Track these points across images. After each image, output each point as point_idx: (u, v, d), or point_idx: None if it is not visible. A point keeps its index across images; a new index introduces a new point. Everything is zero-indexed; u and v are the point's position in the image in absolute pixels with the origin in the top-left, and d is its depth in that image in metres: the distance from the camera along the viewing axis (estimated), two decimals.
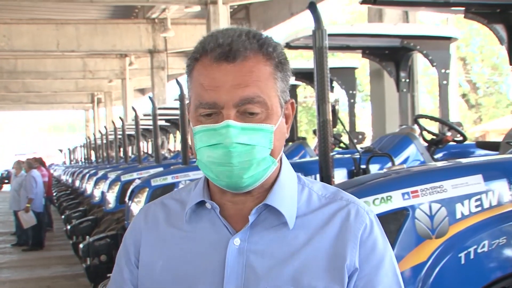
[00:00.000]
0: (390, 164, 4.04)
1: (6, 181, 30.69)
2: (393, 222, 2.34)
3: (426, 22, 19.57)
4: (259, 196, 1.21)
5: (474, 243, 2.35)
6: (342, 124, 4.19)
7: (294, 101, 1.25)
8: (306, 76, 6.78)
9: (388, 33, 5.34)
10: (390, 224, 2.33)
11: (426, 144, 4.79)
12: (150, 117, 8.17)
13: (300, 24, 15.49)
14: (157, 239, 1.26)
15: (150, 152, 12.83)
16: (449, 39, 5.39)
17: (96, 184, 9.69)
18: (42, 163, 13.93)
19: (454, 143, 4.93)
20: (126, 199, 6.30)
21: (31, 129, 65.15)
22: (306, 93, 26.61)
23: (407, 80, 5.89)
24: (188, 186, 1.31)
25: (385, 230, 1.25)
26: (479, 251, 2.34)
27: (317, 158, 3.35)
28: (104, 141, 14.95)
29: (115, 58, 21.36)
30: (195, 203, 1.23)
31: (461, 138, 4.87)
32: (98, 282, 5.91)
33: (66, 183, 17.46)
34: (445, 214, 2.39)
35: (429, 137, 4.90)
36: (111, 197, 7.76)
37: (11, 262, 9.81)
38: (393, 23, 7.21)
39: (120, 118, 12.26)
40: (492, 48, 25.11)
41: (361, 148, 4.87)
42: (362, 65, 9.96)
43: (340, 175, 4.12)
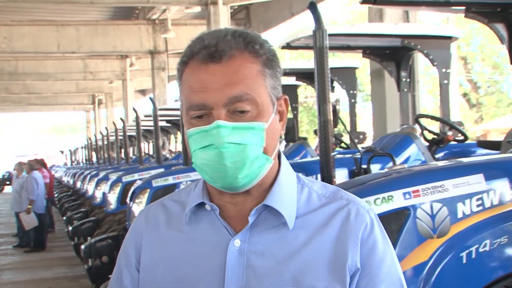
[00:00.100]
0: (391, 164, 4.05)
1: (8, 182, 30.73)
2: (394, 221, 2.35)
3: (427, 21, 19.55)
4: (258, 196, 1.20)
5: (476, 242, 2.35)
6: (343, 124, 4.19)
7: (287, 97, 1.24)
8: (306, 76, 6.78)
9: (389, 32, 5.34)
10: (391, 224, 2.33)
11: (427, 144, 4.79)
12: (151, 118, 8.17)
13: (301, 24, 15.48)
14: (157, 241, 1.26)
15: (151, 153, 12.85)
16: (449, 38, 5.38)
17: (97, 185, 9.70)
18: (44, 165, 13.94)
19: (455, 143, 4.93)
20: (128, 200, 6.31)
21: (32, 130, 65.17)
22: (307, 93, 26.61)
23: (408, 79, 5.88)
24: (188, 187, 1.31)
25: (386, 230, 1.24)
26: (480, 250, 2.34)
27: (318, 158, 3.35)
28: (105, 142, 14.96)
29: (116, 59, 21.35)
30: (194, 205, 1.23)
31: (462, 138, 4.86)
32: (100, 283, 5.92)
33: (68, 184, 17.49)
34: (446, 214, 2.39)
35: (430, 136, 4.90)
36: (113, 198, 7.77)
37: (13, 263, 9.81)
38: (393, 23, 7.21)
39: (121, 119, 12.27)
40: (493, 47, 25.10)
41: (362, 148, 4.87)
42: (362, 65, 9.95)
43: (341, 175, 4.12)
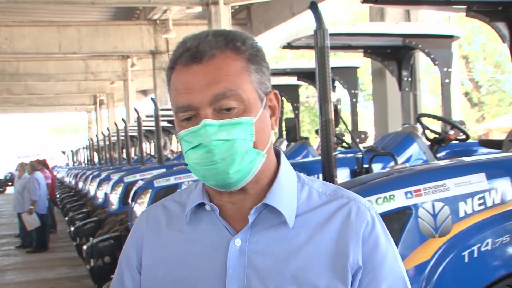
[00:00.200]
0: (392, 163, 4.05)
1: (10, 183, 30.75)
2: (396, 221, 2.34)
3: (428, 20, 19.53)
4: (257, 195, 1.20)
5: (478, 241, 2.35)
6: (344, 123, 4.19)
7: (277, 91, 1.24)
8: (308, 75, 6.78)
9: (390, 32, 5.34)
10: (393, 223, 2.33)
11: (429, 143, 4.78)
12: (153, 118, 8.16)
13: (302, 24, 15.48)
14: (158, 242, 1.26)
15: (152, 153, 12.85)
16: (451, 37, 5.38)
17: (99, 185, 9.71)
18: (45, 165, 13.95)
19: (457, 142, 4.93)
20: (129, 200, 6.31)
21: (34, 131, 65.22)
22: (308, 92, 26.60)
23: (409, 79, 5.88)
24: (189, 188, 1.31)
25: (388, 229, 1.24)
26: (482, 249, 2.34)
27: (319, 157, 3.35)
28: (107, 142, 14.97)
29: (117, 59, 21.36)
30: (194, 205, 1.23)
31: (463, 137, 4.86)
32: (102, 283, 5.91)
33: (70, 185, 17.51)
34: (448, 213, 2.39)
35: (431, 135, 4.90)
36: (114, 198, 7.77)
37: (15, 264, 9.82)
38: (394, 22, 7.21)
39: (122, 119, 12.27)
40: (494, 46, 25.05)
41: (363, 147, 4.87)
42: (364, 64, 9.96)
43: (342, 174, 4.12)
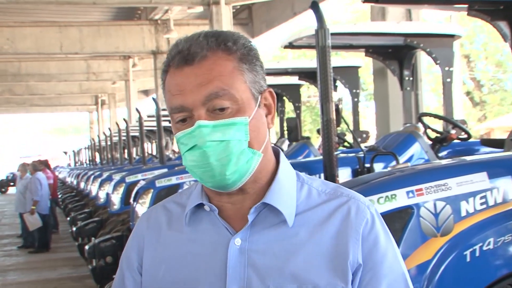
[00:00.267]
0: (394, 163, 4.04)
1: (12, 183, 30.78)
2: (398, 220, 2.34)
3: (429, 20, 19.51)
4: (256, 194, 1.20)
5: (480, 240, 2.34)
6: (346, 123, 4.19)
7: (271, 90, 1.23)
8: (309, 75, 6.78)
9: (391, 31, 5.33)
10: (395, 223, 2.33)
11: (431, 142, 4.78)
12: (154, 118, 8.17)
13: (303, 24, 15.48)
14: (159, 243, 1.26)
15: (154, 153, 12.86)
16: (452, 36, 5.37)
17: (101, 185, 9.71)
18: (47, 165, 13.96)
19: (459, 141, 4.92)
20: (131, 200, 6.31)
21: (36, 131, 65.28)
22: (310, 92, 26.61)
23: (411, 78, 5.88)
24: (189, 188, 1.31)
25: (390, 229, 1.24)
26: (484, 248, 2.34)
27: (321, 157, 3.35)
28: (109, 142, 14.98)
29: (119, 59, 21.37)
30: (194, 206, 1.24)
31: (465, 136, 4.85)
32: (104, 283, 5.92)
33: (71, 185, 17.53)
34: (450, 212, 2.39)
35: (433, 135, 4.89)
36: (116, 198, 7.78)
37: (17, 264, 9.83)
38: (396, 22, 7.20)
39: (124, 119, 12.27)
40: (496, 45, 25.03)
41: (365, 147, 4.87)
42: (365, 64, 9.95)
43: (344, 174, 4.12)
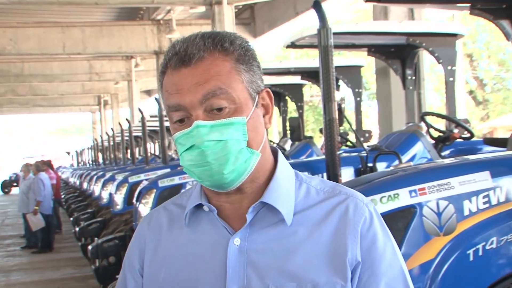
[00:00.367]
0: (397, 162, 4.04)
1: (15, 184, 30.83)
2: (400, 220, 2.34)
3: (432, 19, 19.48)
4: (254, 194, 1.21)
5: (483, 240, 2.34)
6: (348, 122, 4.19)
7: (269, 89, 1.24)
8: (311, 75, 6.78)
9: (394, 30, 5.33)
10: (397, 222, 2.33)
11: (433, 141, 4.77)
12: (157, 118, 8.19)
13: (305, 23, 15.47)
14: (159, 244, 1.27)
15: (157, 153, 12.87)
16: (455, 35, 5.37)
17: (104, 185, 9.73)
18: (50, 166, 13.98)
19: (462, 140, 4.91)
20: (134, 200, 6.32)
21: (39, 132, 65.38)
22: (312, 92, 26.59)
23: (413, 77, 5.87)
24: (190, 190, 1.32)
25: (392, 228, 1.24)
26: (487, 247, 2.34)
27: (324, 157, 3.35)
28: (111, 143, 15.00)
29: (121, 60, 21.37)
30: (192, 207, 1.24)
31: (468, 135, 4.84)
32: (107, 283, 5.93)
33: (74, 185, 17.54)
34: (452, 211, 2.38)
35: (436, 134, 4.88)
36: (119, 198, 7.79)
37: (21, 264, 9.85)
38: (398, 21, 7.19)
39: (126, 119, 12.30)
40: (498, 44, 24.97)
41: (368, 146, 4.86)
42: (368, 63, 9.93)
43: (347, 173, 4.12)
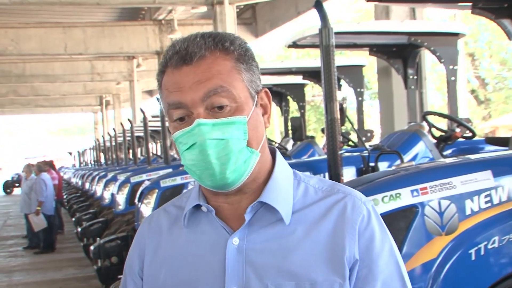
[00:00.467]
0: (399, 162, 4.04)
1: (17, 184, 30.86)
2: (402, 219, 2.34)
3: (433, 18, 19.48)
4: (253, 194, 1.21)
5: (484, 239, 2.34)
6: (350, 122, 4.19)
7: (267, 89, 1.24)
8: (313, 74, 6.77)
9: (395, 30, 5.33)
10: (399, 222, 2.33)
11: (435, 141, 4.77)
12: (159, 118, 8.19)
13: (307, 23, 15.47)
14: (159, 246, 1.28)
15: (159, 153, 12.88)
16: (456, 35, 5.36)
17: (106, 186, 9.73)
18: (52, 166, 13.99)
19: (463, 140, 4.91)
20: (136, 200, 6.32)
21: (40, 132, 65.46)
22: (314, 91, 26.60)
23: (415, 77, 5.87)
24: (188, 191, 1.32)
25: (394, 228, 1.25)
26: (489, 247, 2.34)
27: (326, 156, 3.35)
28: (113, 143, 15.01)
29: (123, 60, 21.38)
30: (191, 207, 1.25)
31: (470, 134, 4.84)
32: (109, 284, 5.93)
33: (76, 186, 17.56)
34: (454, 211, 2.38)
35: (438, 133, 4.88)
36: (121, 198, 7.79)
37: (23, 265, 9.86)
38: (400, 20, 7.19)
39: (128, 120, 12.30)
40: (500, 43, 24.96)
41: (369, 146, 4.87)
42: (369, 63, 9.94)
43: (349, 173, 4.12)
